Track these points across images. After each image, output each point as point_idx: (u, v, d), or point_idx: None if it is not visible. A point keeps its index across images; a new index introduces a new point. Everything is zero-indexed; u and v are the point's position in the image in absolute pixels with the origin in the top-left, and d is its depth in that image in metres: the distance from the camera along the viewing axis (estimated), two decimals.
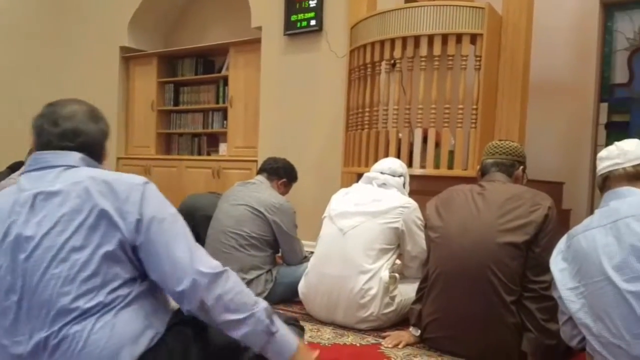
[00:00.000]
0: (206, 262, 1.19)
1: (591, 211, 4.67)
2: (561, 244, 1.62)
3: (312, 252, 2.60)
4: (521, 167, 2.13)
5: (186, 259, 1.16)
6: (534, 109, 3.96)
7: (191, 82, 5.49)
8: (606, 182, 1.58)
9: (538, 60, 3.85)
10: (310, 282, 2.47)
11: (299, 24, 4.35)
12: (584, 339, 1.51)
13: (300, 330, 1.60)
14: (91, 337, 1.08)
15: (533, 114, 3.94)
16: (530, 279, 1.88)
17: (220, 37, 5.32)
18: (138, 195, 1.17)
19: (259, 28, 4.70)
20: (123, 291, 1.14)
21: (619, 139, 4.93)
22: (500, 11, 3.23)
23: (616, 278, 1.38)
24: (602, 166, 1.60)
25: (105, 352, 1.09)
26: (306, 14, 4.30)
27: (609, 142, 4.54)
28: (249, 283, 2.57)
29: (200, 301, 1.15)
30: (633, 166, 1.53)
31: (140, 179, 1.21)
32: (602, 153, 1.63)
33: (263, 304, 1.23)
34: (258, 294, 2.59)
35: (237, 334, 1.19)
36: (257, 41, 4.73)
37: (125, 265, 1.16)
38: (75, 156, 1.23)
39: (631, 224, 1.39)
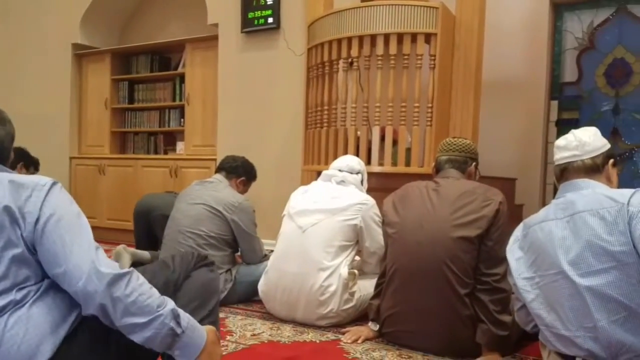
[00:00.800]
0: (107, 263, 1.13)
1: (543, 206, 4.84)
2: (517, 232, 1.64)
3: (272, 251, 2.60)
4: (474, 164, 2.18)
5: (84, 258, 1.11)
6: (487, 107, 4.06)
7: (146, 79, 5.38)
8: (564, 173, 1.58)
9: (491, 59, 3.95)
10: (270, 280, 2.47)
11: (256, 22, 4.33)
12: None
13: (213, 265, 1.54)
14: (6, 334, 1.05)
15: (486, 112, 4.05)
16: (483, 271, 1.93)
17: (176, 34, 5.23)
18: (41, 195, 1.13)
19: (215, 25, 4.65)
20: (34, 287, 1.11)
21: None
22: (454, 11, 3.30)
23: (571, 272, 1.40)
24: (560, 156, 1.59)
25: (23, 347, 1.06)
26: (263, 12, 4.28)
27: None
28: None
29: (99, 302, 1.09)
30: (591, 158, 1.54)
31: (46, 179, 1.17)
32: (560, 142, 1.61)
33: (169, 305, 1.15)
34: None
35: (138, 337, 1.12)
36: (214, 38, 4.68)
37: (34, 267, 1.12)
38: None
39: (587, 219, 1.40)
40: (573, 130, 1.61)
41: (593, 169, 1.53)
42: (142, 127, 5.40)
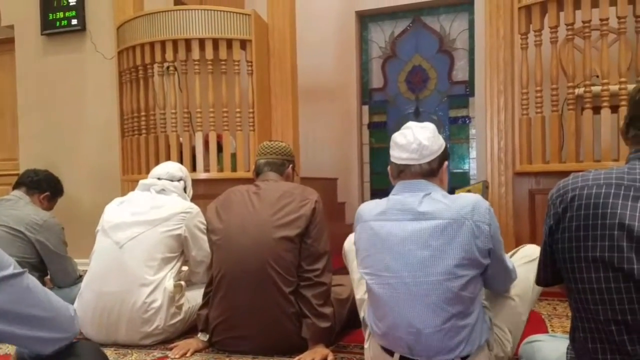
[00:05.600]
0: None
1: (362, 202, 5.24)
2: (355, 226, 1.63)
3: (86, 271, 2.39)
4: (290, 166, 2.26)
5: None
6: (306, 112, 4.26)
7: None
8: (401, 174, 1.56)
9: (306, 67, 4.15)
10: (85, 302, 2.26)
11: (58, 23, 3.97)
12: None
13: None
14: None
15: (306, 116, 4.24)
16: (304, 268, 2.00)
17: None
18: None
19: (11, 27, 4.17)
20: None
21: (379, 138, 5.58)
22: (266, 19, 3.39)
23: (407, 277, 1.43)
24: (399, 156, 1.56)
25: None
26: (66, 13, 3.95)
27: (372, 141, 5.18)
28: None
29: None
30: (428, 163, 1.53)
31: None
32: (400, 140, 1.56)
33: None
34: None
35: None
36: (10, 41, 4.19)
37: None
38: None
39: (440, 228, 1.43)
40: (413, 127, 1.57)
41: (430, 173, 1.54)
42: None
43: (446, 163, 1.60)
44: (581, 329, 1.18)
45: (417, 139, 1.53)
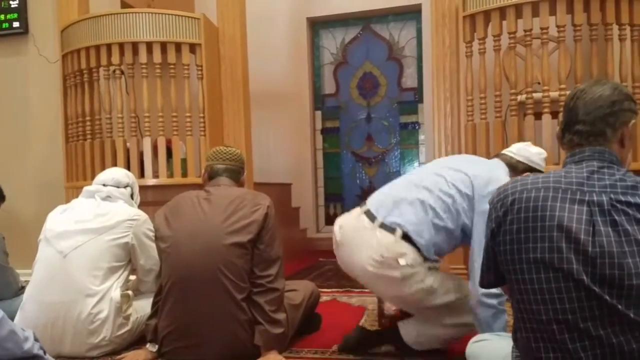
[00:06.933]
0: None
1: (317, 208, 5.27)
2: None
3: (29, 281, 2.30)
4: (245, 173, 2.26)
5: None
6: (259, 117, 4.24)
7: None
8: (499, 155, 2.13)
9: (259, 72, 4.14)
10: (27, 314, 2.17)
11: None
12: None
13: None
14: None
15: (259, 122, 4.22)
16: (257, 274, 1.99)
17: None
18: None
19: None
20: None
21: (332, 142, 5.62)
22: (216, 23, 3.36)
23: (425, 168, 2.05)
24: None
25: None
26: (8, 15, 3.81)
27: (325, 146, 5.21)
28: None
29: None
30: (517, 160, 2.03)
31: None
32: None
33: None
34: None
35: None
36: None
37: None
38: None
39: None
40: (530, 142, 2.19)
41: (515, 166, 2.02)
42: None
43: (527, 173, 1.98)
44: (523, 329, 1.22)
45: (524, 145, 2.11)
